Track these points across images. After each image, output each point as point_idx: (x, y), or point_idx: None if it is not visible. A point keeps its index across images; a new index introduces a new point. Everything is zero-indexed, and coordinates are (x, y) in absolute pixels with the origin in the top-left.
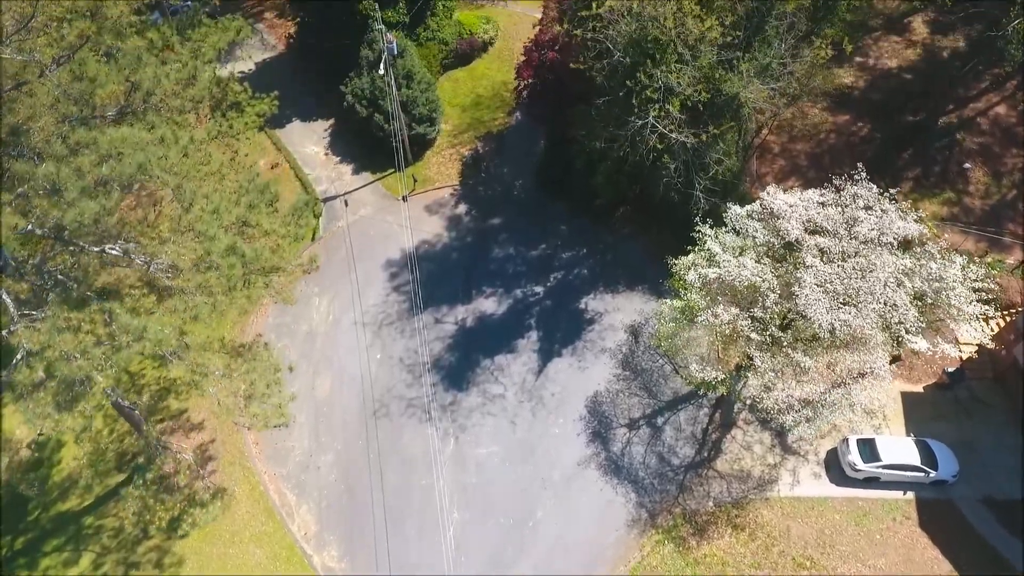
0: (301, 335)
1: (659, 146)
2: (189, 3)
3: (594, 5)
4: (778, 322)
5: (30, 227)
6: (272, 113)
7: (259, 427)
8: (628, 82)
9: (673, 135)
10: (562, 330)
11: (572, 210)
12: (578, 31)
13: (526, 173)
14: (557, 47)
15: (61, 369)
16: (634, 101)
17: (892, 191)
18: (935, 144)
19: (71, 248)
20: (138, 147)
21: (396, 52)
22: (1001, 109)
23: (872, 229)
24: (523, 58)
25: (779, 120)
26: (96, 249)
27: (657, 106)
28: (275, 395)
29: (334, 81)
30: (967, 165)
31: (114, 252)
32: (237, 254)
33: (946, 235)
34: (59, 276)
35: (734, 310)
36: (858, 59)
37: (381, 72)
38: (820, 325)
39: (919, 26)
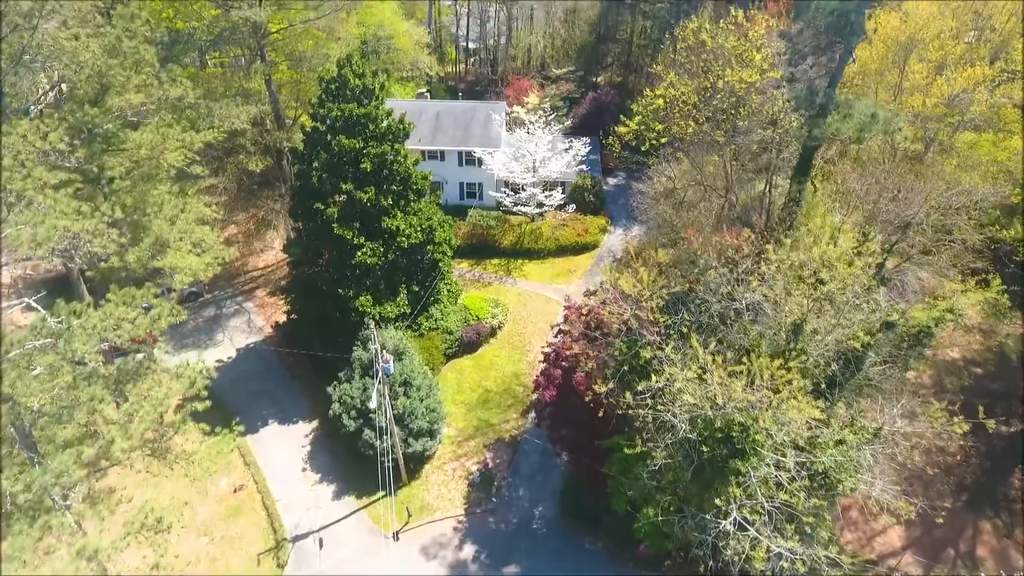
0: None
1: (751, 552)
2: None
3: (653, 377)
4: None
5: None
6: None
7: None
8: (718, 501)
9: (777, 547)
10: None
11: (609, 553)
12: (627, 395)
13: (548, 497)
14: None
15: None
16: (722, 519)
17: None
18: None
19: None
20: None
21: (392, 371)
22: None
23: None
24: (542, 364)
25: None
26: None
27: (764, 534)
28: None
29: (323, 375)
30: None
31: None
32: None
33: None
34: None
35: None
36: None
37: (373, 407)
38: None
39: (968, 306)
